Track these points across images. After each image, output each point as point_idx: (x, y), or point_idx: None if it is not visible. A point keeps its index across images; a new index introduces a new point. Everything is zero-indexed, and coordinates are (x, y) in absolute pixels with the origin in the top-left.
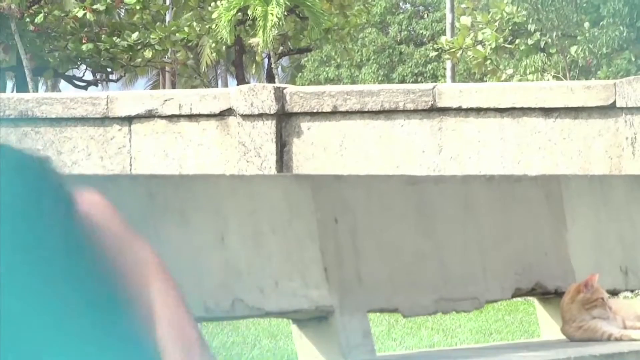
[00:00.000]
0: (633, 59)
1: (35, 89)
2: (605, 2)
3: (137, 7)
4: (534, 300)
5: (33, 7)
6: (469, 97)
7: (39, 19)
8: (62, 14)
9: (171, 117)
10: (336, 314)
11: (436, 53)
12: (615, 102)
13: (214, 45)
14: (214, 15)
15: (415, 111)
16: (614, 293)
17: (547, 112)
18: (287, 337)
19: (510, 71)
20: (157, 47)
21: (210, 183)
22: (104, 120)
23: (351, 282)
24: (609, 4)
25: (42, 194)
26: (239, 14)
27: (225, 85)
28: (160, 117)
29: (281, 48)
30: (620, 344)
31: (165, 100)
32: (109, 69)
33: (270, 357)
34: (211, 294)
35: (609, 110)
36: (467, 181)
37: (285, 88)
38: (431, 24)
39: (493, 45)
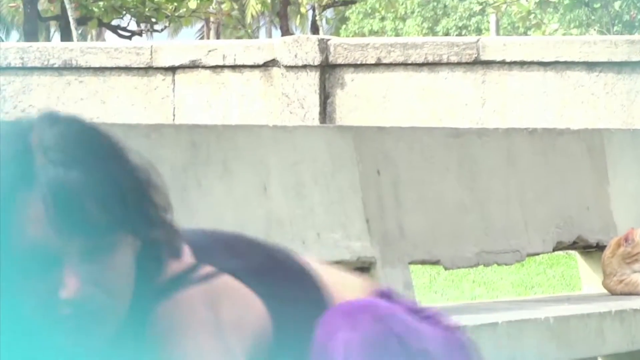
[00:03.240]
0: None
1: (84, 39)
2: None
3: None
4: (575, 254)
5: None
6: (513, 50)
7: None
8: None
9: (215, 68)
10: (377, 265)
11: (480, 7)
12: None
13: None
14: None
15: (458, 64)
16: None
17: (590, 66)
18: None
19: (554, 25)
20: None
21: (253, 133)
22: (148, 70)
23: (393, 234)
24: None
25: None
26: None
27: (270, 36)
28: (204, 67)
29: (325, 0)
30: None
31: (209, 51)
32: (153, 19)
33: None
34: None
35: None
36: (509, 134)
37: (329, 40)
38: None
39: (537, 0)
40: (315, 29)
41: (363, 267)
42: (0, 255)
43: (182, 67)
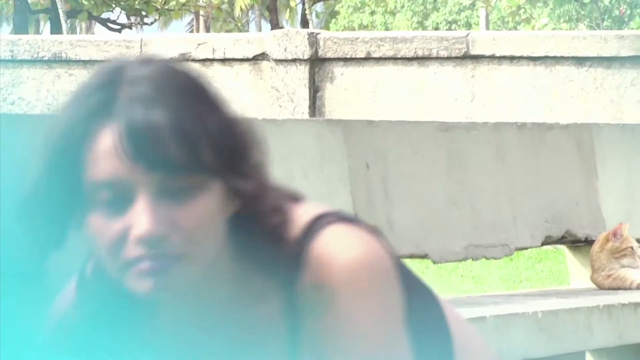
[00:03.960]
0: None
1: (73, 32)
2: None
3: None
4: (564, 249)
5: None
6: (502, 45)
7: None
8: None
9: (204, 61)
10: None
11: (470, 1)
12: None
13: None
14: None
15: (448, 58)
16: None
17: (580, 61)
18: None
19: (544, 20)
20: None
21: None
22: None
23: (382, 228)
24: None
25: None
26: None
27: (259, 30)
28: (194, 60)
29: None
30: None
31: (199, 44)
32: (143, 13)
33: None
34: None
35: None
36: (498, 128)
37: (318, 33)
38: None
39: None
40: (304, 23)
41: None
42: (72, 185)
43: (172, 61)
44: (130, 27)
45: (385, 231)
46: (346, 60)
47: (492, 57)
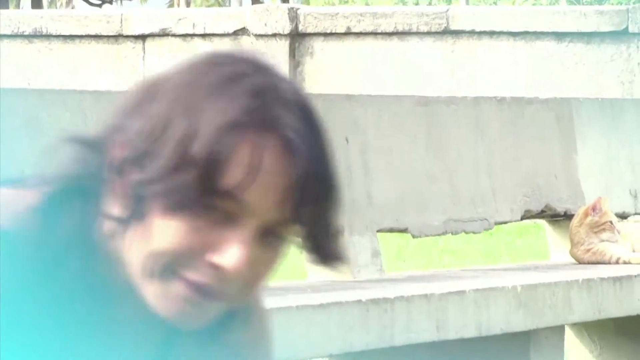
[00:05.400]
0: None
1: (54, 7)
2: None
3: None
4: (544, 223)
5: None
6: (482, 20)
7: None
8: None
9: (185, 36)
10: (345, 233)
11: None
12: (627, 27)
13: None
14: None
15: (428, 33)
16: (623, 217)
17: (559, 36)
18: (296, 254)
19: None
20: None
21: None
22: (118, 38)
23: (361, 202)
24: None
25: None
26: None
27: (240, 5)
28: (174, 35)
29: None
30: (629, 267)
31: (179, 19)
32: None
33: (279, 274)
34: None
35: (621, 35)
36: (478, 103)
37: (299, 9)
38: None
39: None
40: None
41: None
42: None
43: (152, 36)
44: (110, 2)
45: (364, 205)
46: (326, 35)
47: (472, 32)
